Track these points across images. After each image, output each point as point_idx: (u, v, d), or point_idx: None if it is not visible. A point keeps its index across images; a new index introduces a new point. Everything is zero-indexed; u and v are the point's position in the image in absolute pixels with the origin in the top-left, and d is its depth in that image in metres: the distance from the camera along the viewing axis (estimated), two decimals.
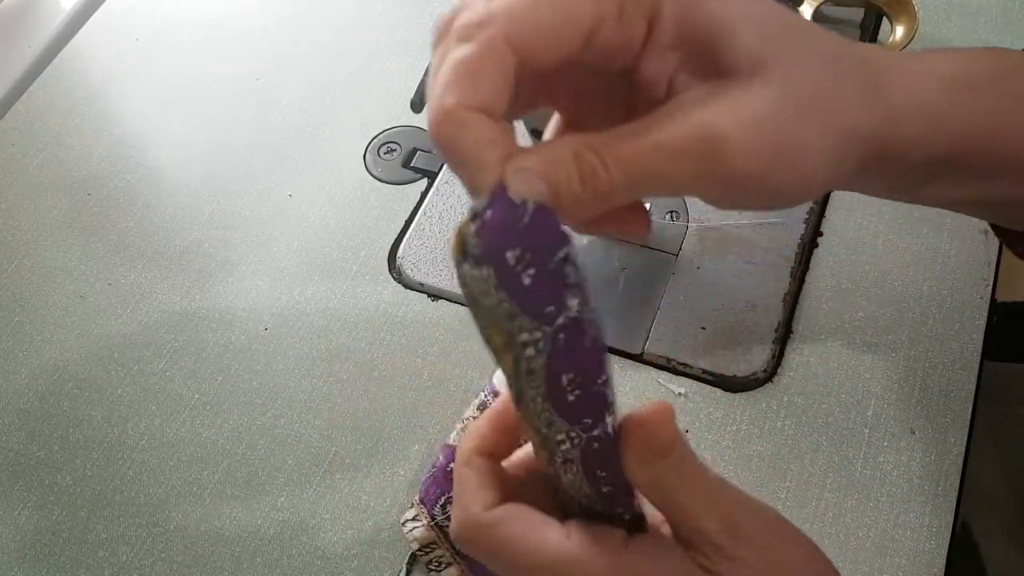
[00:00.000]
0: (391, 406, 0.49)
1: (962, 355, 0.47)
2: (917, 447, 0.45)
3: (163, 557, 0.46)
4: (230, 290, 0.55)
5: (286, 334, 0.53)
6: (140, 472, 0.49)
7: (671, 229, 0.54)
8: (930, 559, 0.42)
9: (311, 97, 0.63)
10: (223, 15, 0.69)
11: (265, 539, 0.46)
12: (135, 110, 0.64)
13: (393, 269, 0.55)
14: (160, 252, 0.57)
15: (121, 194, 0.60)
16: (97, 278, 0.56)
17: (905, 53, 0.30)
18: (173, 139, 0.62)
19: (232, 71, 0.65)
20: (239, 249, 0.56)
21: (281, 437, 0.49)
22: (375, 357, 0.51)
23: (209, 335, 0.53)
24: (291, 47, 0.66)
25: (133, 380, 0.52)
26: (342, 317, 0.53)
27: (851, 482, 0.44)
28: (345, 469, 0.48)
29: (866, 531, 0.43)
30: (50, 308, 0.55)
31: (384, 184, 0.58)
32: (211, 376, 0.51)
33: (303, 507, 0.47)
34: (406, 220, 0.56)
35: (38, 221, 0.59)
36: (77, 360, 0.53)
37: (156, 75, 0.66)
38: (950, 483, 0.44)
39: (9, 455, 0.50)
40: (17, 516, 0.48)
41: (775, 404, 0.47)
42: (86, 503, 0.48)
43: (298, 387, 0.51)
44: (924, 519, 0.43)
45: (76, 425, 0.51)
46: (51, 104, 0.65)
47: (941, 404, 0.46)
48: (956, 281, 0.50)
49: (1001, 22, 0.59)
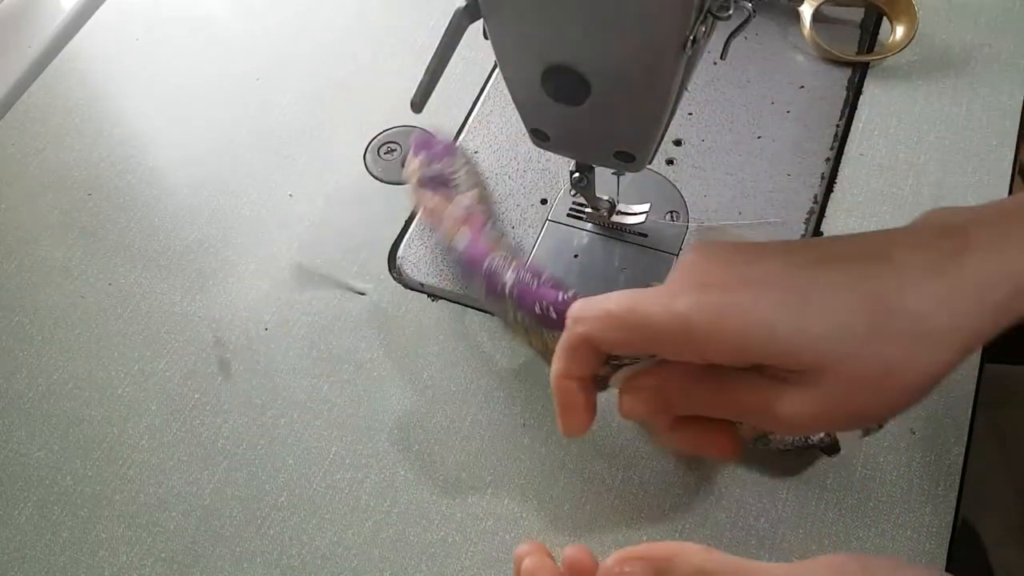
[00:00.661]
0: (391, 406, 0.49)
1: None
2: (917, 447, 0.45)
3: (163, 557, 0.46)
4: (230, 290, 0.55)
5: (286, 334, 0.53)
6: (140, 472, 0.49)
7: (671, 229, 0.54)
8: (930, 559, 0.42)
9: (311, 97, 0.63)
10: (223, 15, 0.69)
11: (265, 539, 0.46)
12: (135, 110, 0.64)
13: (393, 269, 0.55)
14: (160, 252, 0.57)
15: (121, 194, 0.60)
16: (97, 278, 0.56)
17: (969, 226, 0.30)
18: (173, 139, 0.62)
19: (232, 71, 0.65)
20: (239, 249, 0.56)
21: (281, 437, 0.49)
22: (375, 357, 0.51)
23: (209, 335, 0.53)
24: (291, 47, 0.66)
25: (133, 380, 0.52)
26: (342, 317, 0.53)
27: (851, 482, 0.44)
28: (345, 469, 0.48)
29: (866, 531, 0.43)
30: (50, 308, 0.55)
31: (384, 184, 0.58)
32: (211, 376, 0.51)
33: (303, 507, 0.47)
34: (406, 220, 0.56)
35: (38, 221, 0.59)
36: (77, 360, 0.53)
37: (156, 75, 0.66)
38: (950, 483, 0.44)
39: (9, 455, 0.50)
40: (17, 516, 0.48)
41: None
42: (86, 503, 0.48)
43: (298, 387, 0.51)
44: (924, 519, 0.43)
45: (76, 425, 0.51)
46: (51, 104, 0.65)
47: (941, 404, 0.46)
48: None
49: (1001, 22, 0.59)
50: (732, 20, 0.35)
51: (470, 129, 0.60)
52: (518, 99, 0.43)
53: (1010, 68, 0.57)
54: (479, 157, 0.58)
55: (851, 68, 0.59)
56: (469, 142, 0.59)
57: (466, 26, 0.38)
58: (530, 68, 0.39)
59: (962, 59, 0.58)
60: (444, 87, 0.39)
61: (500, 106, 0.61)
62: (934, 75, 0.58)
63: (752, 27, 0.46)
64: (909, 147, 0.55)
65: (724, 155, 0.56)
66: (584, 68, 0.37)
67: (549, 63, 0.38)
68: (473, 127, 0.60)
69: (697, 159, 0.56)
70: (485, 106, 0.61)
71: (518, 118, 0.44)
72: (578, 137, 0.44)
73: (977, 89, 0.57)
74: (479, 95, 0.62)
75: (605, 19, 0.34)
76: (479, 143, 0.59)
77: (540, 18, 0.36)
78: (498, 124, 0.60)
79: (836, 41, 0.59)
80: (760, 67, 0.60)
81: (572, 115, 0.40)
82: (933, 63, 0.58)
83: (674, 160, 0.56)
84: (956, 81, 0.57)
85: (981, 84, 0.57)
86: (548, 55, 0.37)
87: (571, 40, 0.36)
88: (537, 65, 0.38)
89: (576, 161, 0.48)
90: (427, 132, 0.55)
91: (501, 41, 0.39)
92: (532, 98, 0.41)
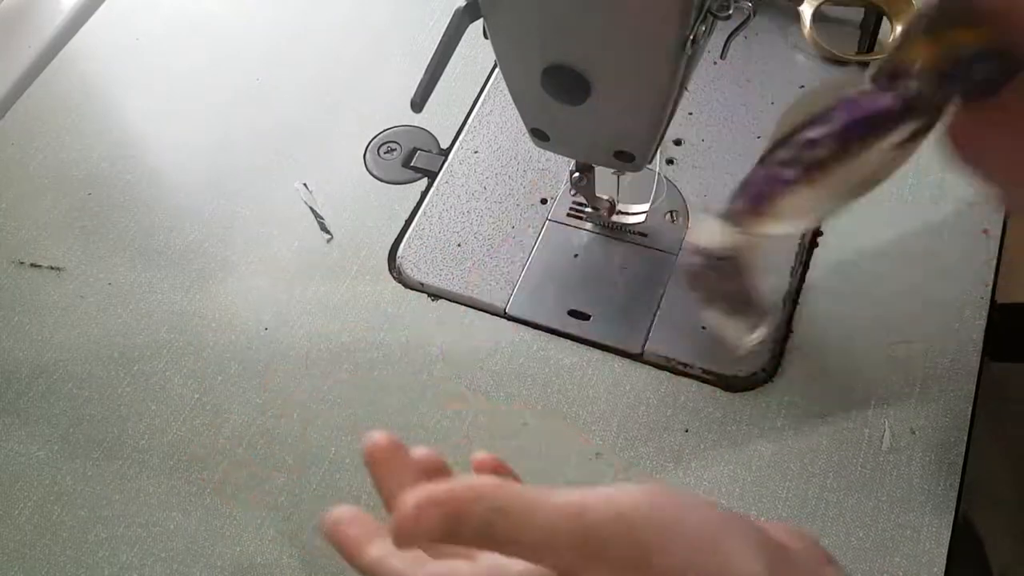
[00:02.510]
0: (391, 406, 0.49)
1: (962, 355, 0.47)
2: (917, 447, 0.45)
3: (163, 557, 0.46)
4: (230, 290, 0.55)
5: (286, 334, 0.53)
6: (140, 472, 0.49)
7: (671, 230, 0.54)
8: (930, 559, 0.42)
9: (311, 97, 0.63)
10: (223, 15, 0.69)
11: (265, 539, 0.46)
12: (135, 110, 0.64)
13: (393, 269, 0.55)
14: (160, 252, 0.57)
15: (121, 194, 0.60)
16: (97, 278, 0.56)
17: None
18: (173, 139, 0.62)
19: (232, 71, 0.65)
20: (239, 249, 0.56)
21: (281, 437, 0.49)
22: (375, 357, 0.51)
23: (209, 335, 0.53)
24: (291, 47, 0.66)
25: (133, 380, 0.52)
26: (342, 317, 0.53)
27: (851, 482, 0.44)
28: (345, 469, 0.48)
29: (866, 531, 0.43)
30: (50, 308, 0.55)
31: (384, 184, 0.58)
32: (211, 376, 0.51)
33: (303, 507, 0.47)
34: (406, 220, 0.56)
35: (38, 221, 0.59)
36: (77, 360, 0.53)
37: (156, 75, 0.66)
38: (950, 483, 0.44)
39: (10, 455, 0.50)
40: (17, 516, 0.48)
41: (775, 404, 0.47)
42: (86, 503, 0.48)
43: (298, 387, 0.51)
44: (924, 519, 0.43)
45: (76, 425, 0.51)
46: (51, 104, 0.65)
47: (941, 404, 0.46)
48: (956, 281, 0.50)
49: None
50: (732, 20, 0.35)
51: (470, 129, 0.60)
52: (518, 99, 0.43)
53: None
54: (479, 157, 0.58)
55: (851, 68, 0.59)
56: (469, 142, 0.59)
57: (466, 26, 0.38)
58: (530, 67, 0.39)
59: None
60: (444, 87, 0.39)
61: (500, 106, 0.61)
62: None
63: (752, 27, 0.46)
64: None
65: (724, 155, 0.56)
66: (584, 67, 0.37)
67: (549, 62, 0.38)
68: (473, 127, 0.60)
69: (697, 159, 0.56)
70: (485, 106, 0.61)
71: (518, 118, 0.44)
72: (578, 137, 0.44)
73: None
74: (479, 95, 0.62)
75: (605, 18, 0.34)
76: (479, 143, 0.59)
77: (540, 17, 0.36)
78: (498, 124, 0.60)
79: (836, 41, 0.59)
80: (760, 67, 0.60)
81: (572, 115, 0.40)
82: None
83: (674, 160, 0.56)
84: None
85: None
86: (548, 54, 0.37)
87: (571, 40, 0.36)
88: (537, 64, 0.38)
89: (576, 161, 0.48)
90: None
91: (501, 41, 0.39)
92: (532, 98, 0.41)
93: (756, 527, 0.26)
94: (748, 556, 0.25)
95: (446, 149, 0.59)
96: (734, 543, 0.25)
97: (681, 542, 0.24)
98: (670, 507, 0.25)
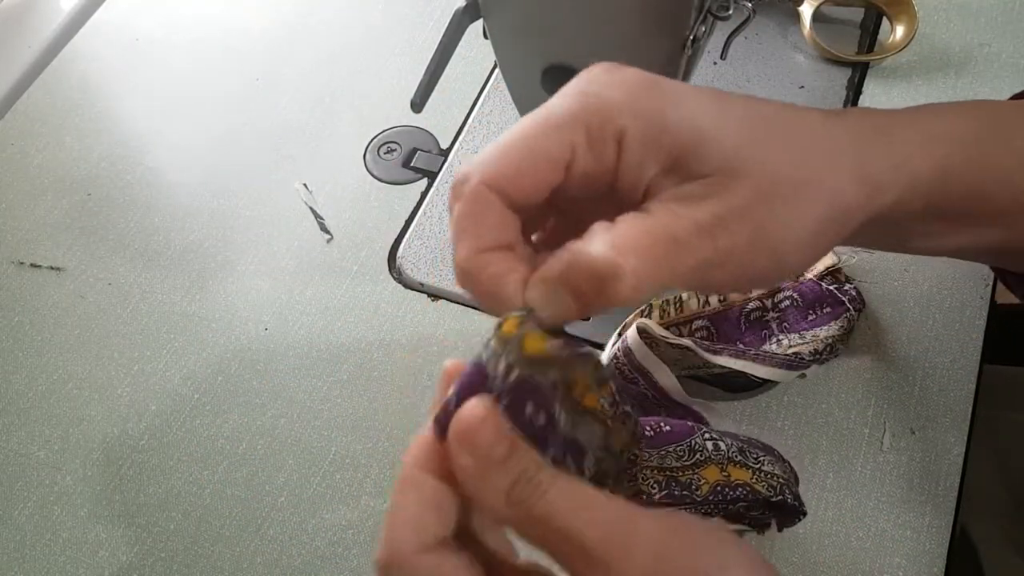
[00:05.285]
0: (391, 406, 0.49)
1: (962, 355, 0.47)
2: (917, 447, 0.45)
3: (163, 557, 0.46)
4: (230, 290, 0.55)
5: (286, 334, 0.53)
6: (140, 472, 0.49)
7: None
8: (930, 559, 0.42)
9: (311, 97, 0.63)
10: (223, 15, 0.69)
11: (265, 539, 0.46)
12: (135, 110, 0.64)
13: (393, 269, 0.55)
14: (160, 252, 0.57)
15: (121, 194, 0.60)
16: (97, 278, 0.56)
17: (888, 115, 0.30)
18: (173, 139, 0.62)
19: (232, 71, 0.65)
20: (239, 249, 0.56)
21: (281, 437, 0.49)
22: (375, 357, 0.51)
23: (209, 335, 0.53)
24: (291, 47, 0.66)
25: (133, 380, 0.52)
26: (342, 317, 0.53)
27: (851, 482, 0.44)
28: (345, 469, 0.48)
29: (866, 531, 0.43)
30: (50, 308, 0.55)
31: (384, 184, 0.58)
32: (211, 376, 0.51)
33: (303, 507, 0.47)
34: (406, 220, 0.56)
35: (38, 221, 0.59)
36: (77, 360, 0.53)
37: (156, 75, 0.66)
38: (950, 483, 0.44)
39: (9, 455, 0.50)
40: (17, 516, 0.48)
41: (775, 404, 0.47)
42: (86, 503, 0.48)
43: (298, 387, 0.51)
44: (924, 519, 0.43)
45: (76, 425, 0.51)
46: (51, 104, 0.65)
47: (941, 404, 0.46)
48: (956, 281, 0.50)
49: (1001, 22, 0.59)
50: (732, 20, 0.35)
51: (470, 129, 0.60)
52: (518, 98, 0.43)
53: (1010, 68, 0.57)
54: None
55: (851, 68, 0.59)
56: (469, 142, 0.59)
57: (466, 26, 0.38)
58: (530, 68, 0.39)
59: (962, 59, 0.58)
60: (444, 87, 0.39)
61: (500, 106, 0.61)
62: (934, 75, 0.58)
63: (752, 27, 0.46)
64: None
65: None
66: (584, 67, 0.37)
67: (549, 63, 0.38)
68: (473, 127, 0.60)
69: None
70: (485, 106, 0.61)
71: (518, 118, 0.44)
72: None
73: (977, 89, 0.57)
74: (479, 95, 0.62)
75: (605, 18, 0.34)
76: (479, 143, 0.59)
77: (540, 18, 0.36)
78: (498, 124, 0.60)
79: (836, 41, 0.59)
80: (760, 67, 0.60)
81: None
82: (933, 63, 0.58)
83: None
84: (956, 81, 0.57)
85: (981, 84, 0.57)
86: (548, 55, 0.37)
87: (571, 39, 0.36)
88: (537, 65, 0.38)
89: None
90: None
91: (501, 41, 0.39)
92: (532, 97, 0.41)
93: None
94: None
95: (446, 149, 0.59)
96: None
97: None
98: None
